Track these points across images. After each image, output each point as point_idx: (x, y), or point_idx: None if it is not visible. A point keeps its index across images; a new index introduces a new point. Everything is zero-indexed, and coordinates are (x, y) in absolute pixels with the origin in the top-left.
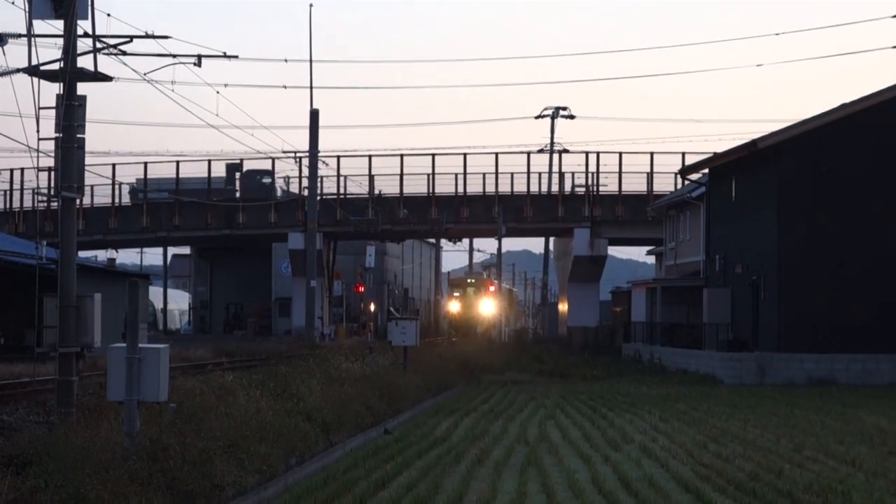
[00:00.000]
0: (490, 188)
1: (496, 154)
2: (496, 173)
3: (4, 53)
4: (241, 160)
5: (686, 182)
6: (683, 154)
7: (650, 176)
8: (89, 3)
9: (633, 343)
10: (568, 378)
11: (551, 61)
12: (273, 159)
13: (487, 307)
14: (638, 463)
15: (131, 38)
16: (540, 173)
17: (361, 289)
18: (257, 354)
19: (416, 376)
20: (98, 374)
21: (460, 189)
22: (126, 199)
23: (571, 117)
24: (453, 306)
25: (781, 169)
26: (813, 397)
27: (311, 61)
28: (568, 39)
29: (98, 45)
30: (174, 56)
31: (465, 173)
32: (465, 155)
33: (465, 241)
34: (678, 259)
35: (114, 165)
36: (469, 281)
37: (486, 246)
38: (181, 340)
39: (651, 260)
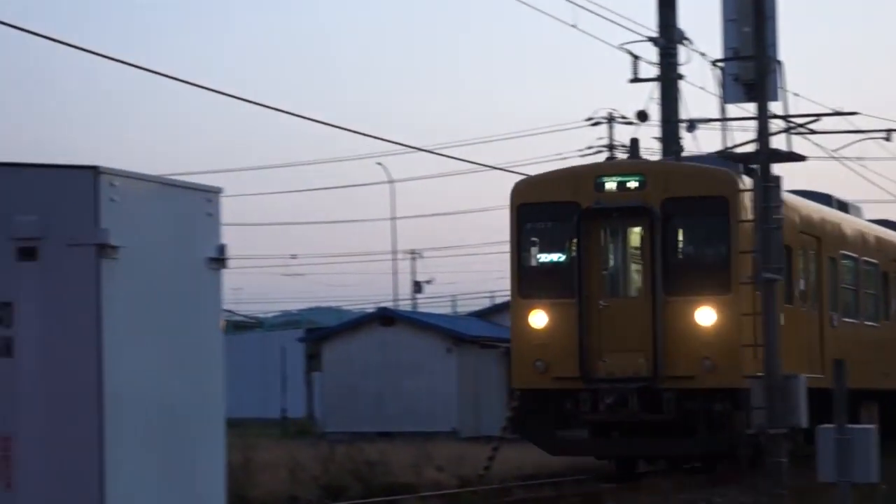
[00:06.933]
0: None
1: None
2: None
3: (695, 138)
4: None
5: None
6: None
7: None
8: (778, 85)
9: None
10: None
11: None
12: None
13: None
14: None
15: (819, 116)
16: None
17: None
18: None
19: None
20: None
21: None
22: None
23: None
24: None
25: None
26: None
27: None
28: None
29: (788, 124)
30: (863, 132)
31: None
32: None
33: None
34: None
35: None
36: None
37: None
38: None
39: None
